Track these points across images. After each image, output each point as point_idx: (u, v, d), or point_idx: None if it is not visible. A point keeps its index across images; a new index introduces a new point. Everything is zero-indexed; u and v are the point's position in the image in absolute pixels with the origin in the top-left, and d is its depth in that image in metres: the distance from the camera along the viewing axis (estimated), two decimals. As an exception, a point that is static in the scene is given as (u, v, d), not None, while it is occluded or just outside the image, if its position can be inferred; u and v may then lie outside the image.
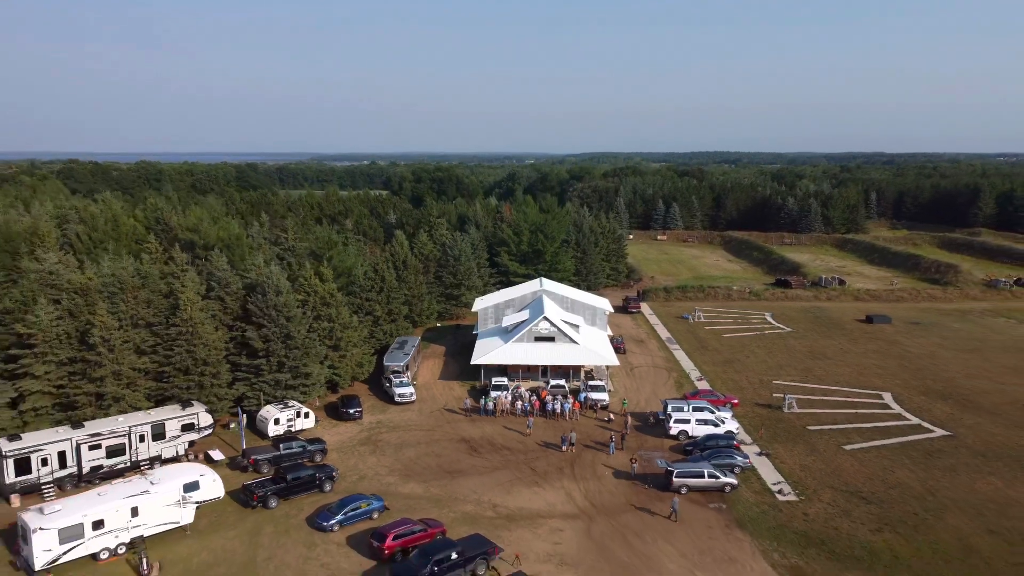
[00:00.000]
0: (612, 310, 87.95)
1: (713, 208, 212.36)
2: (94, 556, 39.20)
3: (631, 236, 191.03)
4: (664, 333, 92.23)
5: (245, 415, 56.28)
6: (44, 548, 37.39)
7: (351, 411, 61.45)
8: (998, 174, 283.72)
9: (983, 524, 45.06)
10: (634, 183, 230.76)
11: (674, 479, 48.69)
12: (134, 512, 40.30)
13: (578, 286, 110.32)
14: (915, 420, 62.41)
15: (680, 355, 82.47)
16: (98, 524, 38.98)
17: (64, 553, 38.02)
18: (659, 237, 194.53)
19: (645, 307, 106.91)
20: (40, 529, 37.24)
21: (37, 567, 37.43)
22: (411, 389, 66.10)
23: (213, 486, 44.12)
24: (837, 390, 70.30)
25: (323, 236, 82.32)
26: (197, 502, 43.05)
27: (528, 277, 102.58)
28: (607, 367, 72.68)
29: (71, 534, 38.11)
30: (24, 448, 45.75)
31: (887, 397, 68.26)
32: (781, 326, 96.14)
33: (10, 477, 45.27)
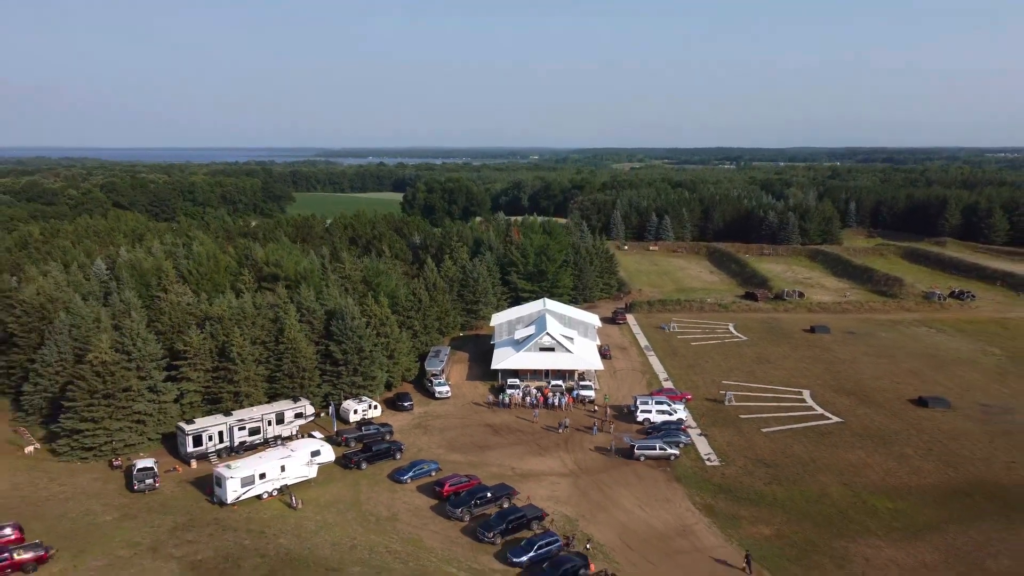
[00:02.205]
0: (601, 324, 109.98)
1: (702, 219, 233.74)
2: (259, 496, 61.54)
3: (626, 247, 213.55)
4: (644, 342, 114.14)
5: (333, 406, 78.55)
6: (233, 490, 59.77)
7: (404, 404, 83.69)
8: (985, 180, 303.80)
9: (841, 480, 67.09)
10: (630, 196, 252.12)
11: (635, 451, 70.86)
12: (282, 468, 62.64)
13: (575, 299, 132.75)
14: (820, 411, 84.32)
15: (654, 360, 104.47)
16: (263, 475, 61.39)
17: (244, 493, 60.39)
18: (651, 248, 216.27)
19: (631, 318, 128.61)
20: (231, 477, 59.62)
21: (228, 501, 59.80)
22: (447, 388, 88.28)
23: (328, 453, 66.69)
24: (770, 388, 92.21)
25: (371, 266, 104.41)
26: (319, 463, 65.40)
27: (534, 293, 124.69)
28: (595, 371, 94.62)
29: (248, 481, 60.50)
30: (198, 429, 68.28)
31: (806, 394, 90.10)
32: (740, 335, 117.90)
33: (189, 448, 67.76)
